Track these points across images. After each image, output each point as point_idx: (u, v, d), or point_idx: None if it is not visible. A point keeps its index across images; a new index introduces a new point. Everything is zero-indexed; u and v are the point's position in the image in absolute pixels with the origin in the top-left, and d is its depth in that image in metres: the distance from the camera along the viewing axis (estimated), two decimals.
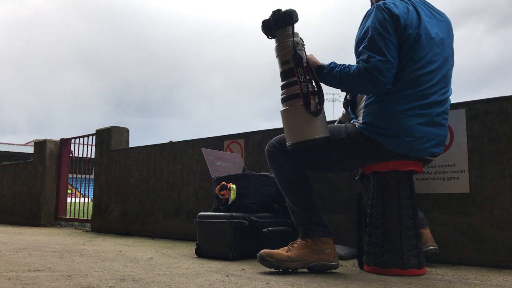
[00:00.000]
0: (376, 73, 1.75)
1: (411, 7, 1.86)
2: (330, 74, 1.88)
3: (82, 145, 5.46)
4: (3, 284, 1.52)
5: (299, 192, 1.96)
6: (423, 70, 1.81)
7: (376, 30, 1.78)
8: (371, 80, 1.77)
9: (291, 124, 1.88)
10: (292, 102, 1.86)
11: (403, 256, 1.80)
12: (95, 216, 4.73)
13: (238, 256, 2.30)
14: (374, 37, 1.78)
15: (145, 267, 1.99)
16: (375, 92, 1.85)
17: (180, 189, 3.85)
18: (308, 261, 1.87)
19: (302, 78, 1.84)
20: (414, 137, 1.79)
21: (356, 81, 1.81)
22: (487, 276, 1.85)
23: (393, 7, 1.81)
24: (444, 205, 2.26)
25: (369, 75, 1.76)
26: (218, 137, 3.61)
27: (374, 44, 1.77)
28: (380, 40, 1.77)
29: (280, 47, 1.91)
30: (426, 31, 1.84)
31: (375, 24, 1.79)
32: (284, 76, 1.91)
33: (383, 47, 1.76)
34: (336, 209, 2.65)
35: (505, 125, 2.14)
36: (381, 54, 1.76)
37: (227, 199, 2.43)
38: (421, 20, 1.84)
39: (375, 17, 1.81)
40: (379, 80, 1.76)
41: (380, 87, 1.79)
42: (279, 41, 1.91)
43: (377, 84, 1.78)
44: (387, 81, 1.78)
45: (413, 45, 1.80)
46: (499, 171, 2.13)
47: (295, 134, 1.86)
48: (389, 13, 1.79)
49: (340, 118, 2.44)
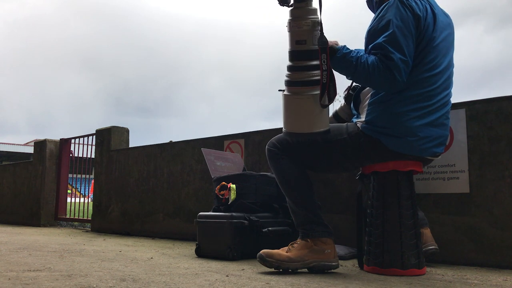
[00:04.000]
0: (395, 71, 1.71)
1: (428, 7, 1.83)
2: (344, 59, 1.77)
3: (82, 145, 5.46)
4: (3, 284, 1.52)
5: (299, 192, 1.95)
6: (430, 72, 1.80)
7: (398, 27, 1.73)
8: (389, 77, 1.72)
9: (299, 113, 1.73)
10: (304, 90, 1.71)
11: (403, 256, 1.80)
12: (95, 216, 4.73)
13: (238, 256, 2.30)
14: (396, 33, 1.73)
15: (145, 267, 1.99)
16: (387, 90, 1.79)
17: (180, 189, 3.85)
18: (308, 261, 1.87)
19: (325, 66, 1.69)
20: (418, 137, 1.79)
21: (372, 74, 1.73)
22: (487, 276, 1.84)
23: (415, 6, 1.77)
24: (444, 205, 2.26)
25: (388, 72, 1.71)
26: (218, 137, 3.61)
27: (396, 41, 1.72)
28: (402, 38, 1.73)
29: (297, 23, 1.70)
30: (440, 33, 1.82)
31: (398, 21, 1.74)
32: (296, 56, 1.73)
33: (404, 46, 1.72)
34: (336, 209, 2.65)
35: (505, 125, 2.14)
36: (402, 53, 1.72)
37: (227, 199, 2.43)
38: (436, 22, 1.82)
39: (397, 12, 1.75)
40: (396, 79, 1.72)
41: (395, 86, 1.75)
42: (298, 15, 1.71)
43: (393, 82, 1.73)
44: (403, 81, 1.74)
45: (426, 47, 1.79)
46: (499, 171, 2.12)
47: (302, 124, 1.74)
48: (412, 12, 1.76)
49: (337, 110, 2.38)
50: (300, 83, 1.73)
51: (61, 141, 5.70)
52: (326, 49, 1.70)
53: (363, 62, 1.74)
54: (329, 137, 1.90)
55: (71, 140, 5.65)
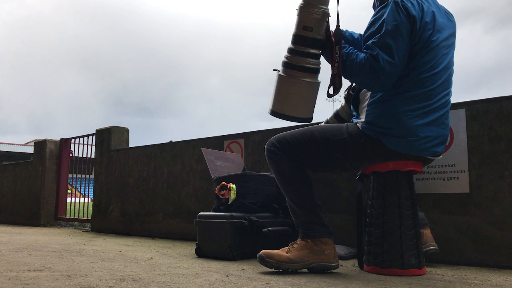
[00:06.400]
0: (380, 72, 1.74)
1: (426, 6, 1.82)
2: None
3: (82, 145, 5.46)
4: (3, 284, 1.52)
5: (299, 192, 1.95)
6: (430, 72, 1.80)
7: (390, 30, 1.74)
8: (372, 78, 1.76)
9: (287, 95, 1.76)
10: (299, 74, 1.73)
11: (403, 256, 1.80)
12: (95, 216, 4.73)
13: (238, 256, 2.30)
14: (387, 35, 1.74)
15: (145, 267, 1.99)
16: (370, 89, 1.85)
17: (180, 189, 3.85)
18: (308, 262, 1.86)
19: (337, 58, 1.75)
20: (418, 137, 1.79)
21: (358, 71, 1.78)
22: (487, 276, 1.84)
23: (410, 7, 1.77)
24: (444, 205, 2.26)
25: (373, 72, 1.75)
26: (218, 137, 3.61)
27: (385, 43, 1.74)
28: (391, 40, 1.74)
29: (308, 9, 1.73)
30: (439, 34, 1.82)
31: (390, 23, 1.75)
32: (299, 41, 1.76)
33: (394, 49, 1.73)
34: (336, 209, 2.65)
35: (505, 125, 2.14)
36: (390, 55, 1.73)
37: (227, 199, 2.43)
38: (435, 22, 1.82)
39: (391, 13, 1.76)
40: (379, 80, 1.76)
41: (378, 87, 1.80)
42: (311, 2, 1.74)
43: (376, 83, 1.78)
44: (387, 83, 1.78)
45: (424, 48, 1.79)
46: (499, 171, 2.12)
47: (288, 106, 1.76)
48: (407, 14, 1.76)
49: (338, 110, 2.38)
50: (298, 68, 1.77)
51: (61, 141, 5.70)
52: (341, 41, 1.77)
53: (353, 58, 1.80)
54: (329, 137, 1.90)
55: (71, 140, 5.65)
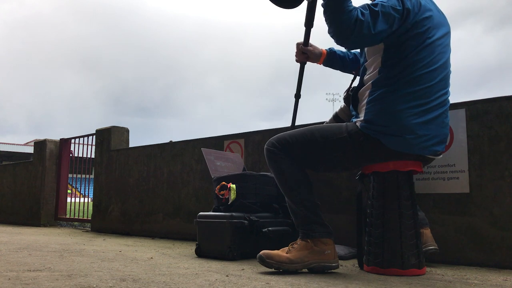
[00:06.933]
0: (358, 27, 1.71)
1: (423, 2, 1.83)
2: None
3: (82, 145, 5.46)
4: (3, 284, 1.52)
5: (299, 192, 1.95)
6: (426, 69, 1.80)
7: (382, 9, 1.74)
8: (348, 26, 1.72)
9: None
10: None
11: (403, 256, 1.80)
12: (95, 216, 4.73)
13: (238, 256, 2.30)
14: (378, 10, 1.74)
15: (145, 267, 1.99)
16: (335, 36, 1.79)
17: (180, 189, 3.85)
18: (308, 262, 1.86)
19: None
20: (416, 135, 1.79)
21: (340, 12, 1.73)
22: (487, 276, 1.85)
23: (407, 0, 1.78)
24: (444, 205, 2.26)
25: (353, 23, 1.71)
26: (218, 137, 3.61)
27: (374, 12, 1.74)
28: (381, 14, 1.74)
29: None
30: (436, 30, 1.82)
31: (388, 3, 1.76)
32: None
33: (378, 21, 1.73)
34: (336, 209, 2.65)
35: (505, 125, 2.14)
36: (373, 23, 1.73)
37: (227, 199, 2.43)
38: (432, 19, 1.82)
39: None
40: (350, 34, 1.72)
41: (345, 38, 1.76)
42: None
43: (345, 33, 1.74)
44: (353, 40, 1.75)
45: (420, 44, 1.79)
46: (499, 171, 2.12)
47: None
48: (402, 5, 1.77)
49: (337, 112, 2.38)
50: None
51: (61, 141, 5.71)
52: None
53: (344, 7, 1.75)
54: (329, 136, 1.90)
55: (71, 140, 5.65)
